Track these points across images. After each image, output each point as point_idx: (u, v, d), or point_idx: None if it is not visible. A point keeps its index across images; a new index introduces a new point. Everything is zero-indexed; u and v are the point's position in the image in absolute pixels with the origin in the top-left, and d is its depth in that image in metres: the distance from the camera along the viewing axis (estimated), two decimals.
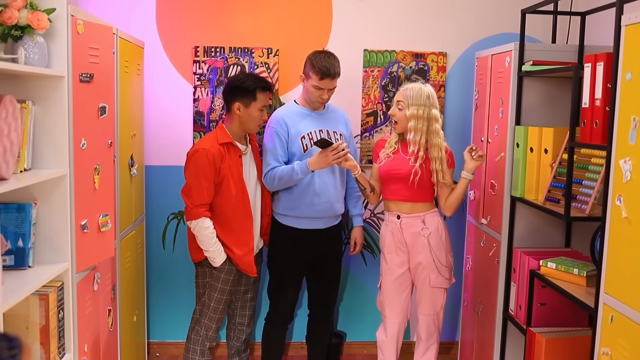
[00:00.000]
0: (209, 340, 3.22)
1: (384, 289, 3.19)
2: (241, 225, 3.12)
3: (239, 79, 3.12)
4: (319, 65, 3.07)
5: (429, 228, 3.10)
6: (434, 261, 3.10)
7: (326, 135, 3.21)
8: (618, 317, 2.13)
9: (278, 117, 3.20)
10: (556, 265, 2.80)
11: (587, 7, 3.28)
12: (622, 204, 2.11)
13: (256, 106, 3.08)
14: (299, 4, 3.79)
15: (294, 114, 3.22)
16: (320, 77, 3.08)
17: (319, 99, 3.17)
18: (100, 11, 3.59)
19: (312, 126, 3.21)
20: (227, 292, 3.17)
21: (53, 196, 2.34)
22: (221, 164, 3.02)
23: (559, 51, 3.16)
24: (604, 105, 2.38)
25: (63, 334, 2.36)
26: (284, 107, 3.31)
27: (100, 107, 2.58)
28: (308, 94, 3.19)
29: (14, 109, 2.03)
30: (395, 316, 3.17)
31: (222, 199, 3.06)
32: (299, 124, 3.19)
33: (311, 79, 3.12)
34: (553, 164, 2.90)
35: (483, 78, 3.52)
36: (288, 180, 3.10)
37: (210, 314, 3.18)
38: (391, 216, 3.15)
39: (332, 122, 3.28)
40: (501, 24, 3.85)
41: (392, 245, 3.14)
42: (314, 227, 3.24)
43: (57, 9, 2.24)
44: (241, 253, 3.10)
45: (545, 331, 2.89)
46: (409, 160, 3.06)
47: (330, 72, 3.08)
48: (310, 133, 3.20)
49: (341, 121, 3.34)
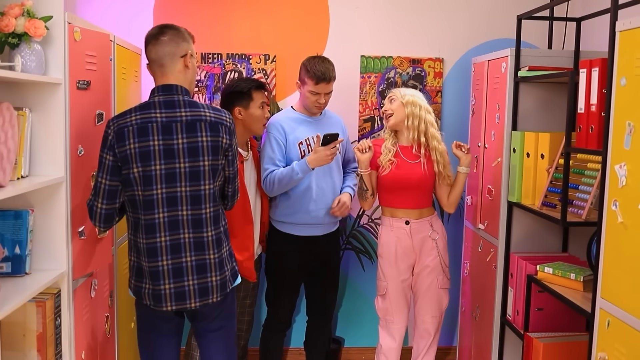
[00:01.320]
0: None
1: (390, 295, 3.15)
2: (242, 230, 3.11)
3: (232, 85, 3.16)
4: (314, 70, 3.09)
5: (437, 231, 3.14)
6: (440, 264, 3.14)
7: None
8: (615, 322, 2.13)
9: (275, 123, 3.20)
10: (553, 270, 2.81)
11: (583, 12, 3.30)
12: (617, 209, 2.11)
13: (255, 105, 3.09)
14: (296, 11, 3.80)
15: (291, 119, 3.23)
16: (316, 82, 3.10)
17: (316, 104, 3.17)
18: (97, 18, 3.60)
19: (309, 132, 3.21)
20: None
21: (50, 203, 2.34)
22: None
23: (555, 57, 3.18)
24: (599, 110, 2.38)
25: (60, 341, 2.36)
26: (281, 113, 3.31)
27: (98, 114, 2.58)
28: (305, 100, 3.19)
29: (11, 116, 2.03)
30: (401, 321, 3.18)
31: None
32: (296, 130, 3.20)
33: (307, 85, 3.13)
34: (549, 169, 2.91)
35: (480, 83, 3.53)
36: (288, 182, 3.08)
37: None
38: (397, 222, 3.13)
39: (329, 127, 3.28)
40: (497, 29, 3.86)
41: (398, 250, 3.13)
42: (312, 234, 3.24)
43: (54, 16, 2.25)
44: (242, 258, 3.10)
45: (543, 336, 2.89)
46: (415, 165, 3.08)
47: (326, 76, 3.10)
48: (308, 139, 3.20)
49: (338, 126, 3.34)
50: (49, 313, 2.24)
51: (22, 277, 2.25)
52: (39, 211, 2.33)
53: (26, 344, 2.19)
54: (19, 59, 2.14)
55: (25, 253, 2.26)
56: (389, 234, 3.15)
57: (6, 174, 2.00)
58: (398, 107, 3.09)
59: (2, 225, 2.24)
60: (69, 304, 2.42)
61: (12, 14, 2.13)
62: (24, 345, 2.19)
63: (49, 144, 2.32)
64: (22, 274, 2.25)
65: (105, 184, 2.31)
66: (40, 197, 2.33)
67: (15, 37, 2.14)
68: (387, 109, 3.15)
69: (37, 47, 2.20)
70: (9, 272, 2.24)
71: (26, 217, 2.25)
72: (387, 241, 3.16)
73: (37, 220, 2.33)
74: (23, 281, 2.21)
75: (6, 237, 2.24)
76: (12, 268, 2.24)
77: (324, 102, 3.18)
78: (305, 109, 3.25)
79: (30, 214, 2.28)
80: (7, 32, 2.13)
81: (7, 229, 2.24)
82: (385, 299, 3.18)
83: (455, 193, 3.17)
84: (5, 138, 1.99)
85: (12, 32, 2.13)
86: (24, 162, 2.21)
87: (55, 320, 2.31)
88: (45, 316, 2.21)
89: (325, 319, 3.47)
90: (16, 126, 2.08)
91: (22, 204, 2.30)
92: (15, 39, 2.15)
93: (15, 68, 2.13)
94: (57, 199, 2.35)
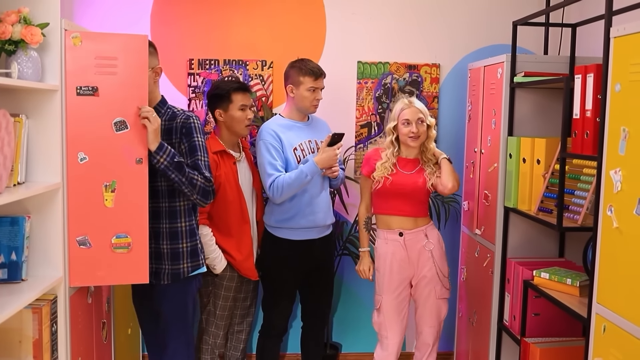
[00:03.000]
0: (217, 347, 3.27)
1: (384, 310, 3.13)
2: (239, 230, 3.16)
3: (213, 87, 3.23)
4: (309, 67, 3.18)
5: (432, 241, 3.12)
6: (437, 274, 3.12)
7: (315, 145, 3.26)
8: (611, 327, 2.13)
9: (268, 129, 3.20)
10: (549, 276, 2.81)
11: (578, 18, 3.31)
12: (613, 214, 2.12)
13: (234, 107, 3.12)
14: (293, 17, 3.81)
15: (282, 126, 3.23)
16: (315, 77, 3.18)
17: (314, 102, 3.22)
18: (95, 24, 3.61)
19: (301, 137, 3.24)
20: (230, 299, 3.22)
21: (47, 209, 2.34)
22: (216, 172, 3.04)
23: (551, 62, 3.19)
24: (594, 116, 2.39)
25: (56, 348, 2.36)
26: (271, 121, 3.29)
27: (117, 122, 2.45)
28: (302, 101, 3.21)
29: (8, 123, 2.04)
30: (395, 336, 3.15)
31: (220, 205, 3.09)
32: (289, 136, 3.21)
33: (304, 84, 3.17)
34: (545, 175, 2.91)
35: (476, 89, 3.54)
36: (298, 185, 3.09)
37: (217, 322, 3.23)
38: (391, 234, 3.11)
39: (318, 131, 3.32)
40: (493, 35, 3.87)
41: (393, 264, 3.11)
42: (309, 238, 3.24)
43: (51, 23, 2.26)
44: (242, 257, 3.14)
45: (540, 341, 2.89)
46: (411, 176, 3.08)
47: (321, 71, 3.21)
48: (302, 144, 3.22)
49: (325, 130, 3.36)
50: (45, 319, 2.24)
51: (19, 283, 2.24)
52: (35, 217, 2.34)
53: (22, 351, 2.19)
54: (15, 65, 2.15)
55: (22, 259, 2.26)
56: (383, 247, 3.14)
57: (2, 180, 2.00)
58: (426, 130, 3.08)
59: None
60: (66, 310, 2.41)
61: (8, 21, 2.14)
62: (20, 351, 2.19)
63: (45, 151, 2.32)
64: (18, 281, 2.25)
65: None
66: (36, 204, 2.33)
67: (12, 44, 2.15)
68: (416, 130, 3.03)
69: (34, 53, 2.21)
70: (5, 278, 2.24)
71: (22, 224, 2.25)
72: (382, 254, 3.14)
73: (33, 226, 2.33)
74: (19, 287, 2.21)
75: (2, 244, 2.24)
76: (9, 274, 2.24)
77: (320, 98, 3.25)
78: (297, 113, 3.27)
79: (27, 221, 2.28)
80: (3, 39, 2.14)
81: (3, 235, 2.24)
82: (380, 313, 3.17)
83: (445, 174, 3.05)
84: (2, 145, 1.99)
85: (9, 39, 2.14)
86: (20, 169, 2.22)
87: (52, 327, 2.31)
88: (41, 322, 2.21)
89: (321, 324, 3.48)
90: (12, 133, 2.08)
91: (18, 210, 2.30)
92: (11, 46, 2.15)
93: (12, 75, 2.13)
94: (53, 205, 2.35)
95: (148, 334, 2.93)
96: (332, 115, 3.45)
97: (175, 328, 2.77)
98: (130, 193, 2.48)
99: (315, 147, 3.26)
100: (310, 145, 3.26)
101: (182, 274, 2.72)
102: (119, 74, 2.43)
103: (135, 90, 2.46)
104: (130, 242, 2.50)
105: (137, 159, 2.48)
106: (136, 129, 2.47)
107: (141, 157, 2.49)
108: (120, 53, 2.43)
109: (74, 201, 2.41)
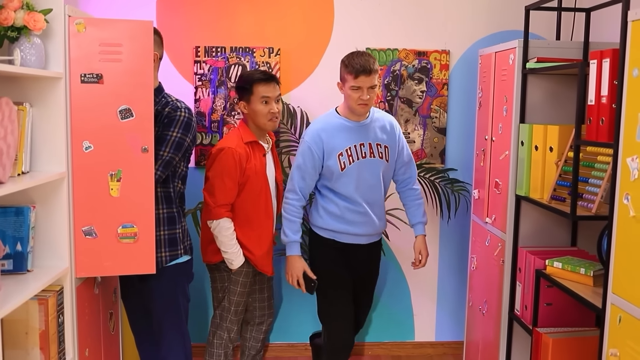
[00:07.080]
0: (231, 342, 3.19)
1: None
2: (262, 224, 3.07)
3: (238, 79, 3.12)
4: (352, 63, 2.87)
5: None
6: None
7: (368, 149, 3.01)
8: (626, 317, 2.09)
9: (314, 131, 3.00)
10: (562, 265, 2.77)
11: (592, 3, 3.24)
12: (629, 202, 2.07)
13: (256, 100, 3.00)
14: (301, 3, 3.76)
15: (333, 127, 3.00)
16: (355, 76, 2.86)
17: (360, 101, 2.90)
18: (100, 11, 3.57)
19: (351, 140, 2.99)
20: (245, 294, 3.14)
21: (52, 199, 2.32)
22: (247, 164, 2.96)
23: (564, 48, 3.13)
24: (610, 102, 2.34)
25: (63, 339, 2.34)
26: (323, 119, 3.06)
27: (122, 110, 2.42)
28: (349, 100, 2.96)
29: (11, 111, 2.00)
30: None
31: (246, 198, 2.99)
32: (337, 139, 2.98)
33: (347, 82, 2.90)
34: (558, 162, 2.86)
35: (486, 76, 3.49)
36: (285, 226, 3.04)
37: (231, 317, 3.13)
38: None
39: (374, 132, 3.05)
40: (504, 21, 3.81)
41: None
42: (357, 242, 3.11)
43: (54, 9, 2.22)
44: (260, 253, 3.06)
45: (552, 331, 2.85)
46: None
47: (365, 68, 2.85)
48: (349, 149, 2.98)
49: (385, 129, 3.09)
50: (51, 310, 2.22)
51: (24, 274, 2.22)
52: (40, 207, 2.31)
53: (29, 342, 2.17)
54: (18, 52, 2.12)
55: (27, 250, 2.23)
56: None
57: (6, 170, 1.97)
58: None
59: (3, 222, 2.21)
60: (72, 301, 2.40)
61: (11, 7, 2.10)
62: (26, 343, 2.17)
63: (50, 140, 2.29)
64: (24, 272, 2.23)
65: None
66: (41, 193, 2.30)
67: (15, 31, 2.12)
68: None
69: (37, 40, 2.18)
70: (10, 269, 2.21)
71: (27, 214, 2.23)
72: None
73: (38, 216, 2.31)
74: (25, 278, 2.19)
75: (7, 234, 2.21)
76: (14, 265, 2.22)
77: (367, 99, 2.90)
78: (350, 112, 3.01)
79: (32, 211, 2.25)
80: (6, 26, 2.10)
81: (8, 225, 2.21)
82: None
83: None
84: (5, 133, 1.96)
85: (12, 26, 2.11)
86: (24, 158, 2.19)
87: (58, 318, 2.29)
88: (47, 314, 2.19)
89: (359, 326, 3.32)
90: (16, 121, 2.05)
91: (23, 200, 2.27)
92: (14, 33, 2.12)
93: (15, 62, 2.10)
94: (58, 195, 2.32)
95: (138, 332, 2.93)
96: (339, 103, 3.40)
97: (168, 323, 2.77)
98: (136, 182, 2.45)
99: (367, 151, 3.01)
100: (362, 150, 2.99)
101: (160, 263, 2.70)
102: (124, 60, 2.39)
103: (140, 77, 2.42)
104: (136, 232, 2.47)
105: (143, 148, 2.44)
106: (141, 117, 2.43)
107: (147, 146, 2.45)
108: (125, 39, 2.38)
109: (80, 191, 2.38)
